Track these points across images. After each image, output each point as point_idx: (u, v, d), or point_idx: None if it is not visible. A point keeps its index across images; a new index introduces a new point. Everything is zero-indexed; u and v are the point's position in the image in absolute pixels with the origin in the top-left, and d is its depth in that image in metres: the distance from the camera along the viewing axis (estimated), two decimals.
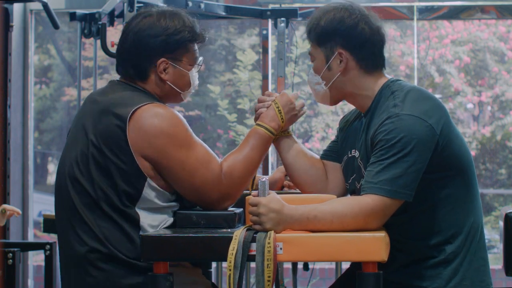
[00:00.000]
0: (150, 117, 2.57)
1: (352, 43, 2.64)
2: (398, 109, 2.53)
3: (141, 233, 2.54)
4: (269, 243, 2.34)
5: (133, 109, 2.57)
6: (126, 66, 2.72)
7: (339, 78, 2.66)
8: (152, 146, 2.55)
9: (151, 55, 2.68)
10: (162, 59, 2.68)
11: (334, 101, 2.74)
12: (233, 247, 2.34)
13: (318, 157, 2.88)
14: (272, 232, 2.37)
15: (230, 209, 2.64)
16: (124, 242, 2.56)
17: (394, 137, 2.49)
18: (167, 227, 2.60)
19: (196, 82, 2.76)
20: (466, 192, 2.63)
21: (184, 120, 2.63)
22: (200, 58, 2.76)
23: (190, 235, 2.40)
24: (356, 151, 2.70)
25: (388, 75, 2.72)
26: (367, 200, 2.46)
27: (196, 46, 2.74)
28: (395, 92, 2.60)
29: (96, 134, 2.59)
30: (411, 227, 2.61)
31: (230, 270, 2.33)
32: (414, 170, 2.48)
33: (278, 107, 2.74)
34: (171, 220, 2.63)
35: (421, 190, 2.52)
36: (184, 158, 2.57)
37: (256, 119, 2.77)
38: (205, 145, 2.64)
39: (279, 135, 2.80)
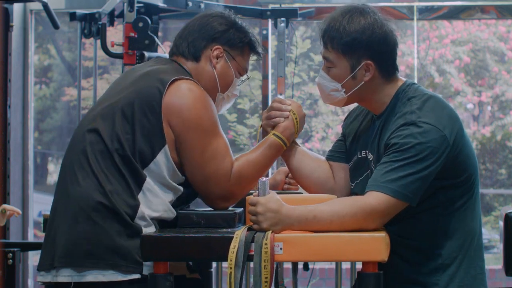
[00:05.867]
0: (189, 90, 2.60)
1: (380, 55, 2.61)
2: (415, 116, 2.53)
3: (140, 196, 2.54)
4: (266, 244, 2.33)
5: (177, 77, 2.61)
6: (182, 45, 2.75)
7: (361, 87, 2.64)
8: (180, 117, 2.57)
9: (211, 37, 2.73)
10: (220, 46, 2.72)
11: (346, 105, 2.73)
12: (234, 246, 2.34)
13: (323, 158, 2.86)
14: (270, 232, 2.37)
15: (230, 208, 2.64)
16: (127, 197, 2.53)
17: (409, 142, 2.49)
18: (167, 227, 2.60)
19: (236, 92, 2.79)
20: (468, 199, 2.62)
21: (215, 110, 2.66)
22: (246, 75, 2.80)
23: (190, 235, 2.40)
24: (369, 153, 2.69)
25: (401, 76, 2.71)
26: (369, 199, 2.45)
27: (250, 60, 2.79)
28: (412, 99, 2.60)
29: (132, 91, 2.61)
30: (407, 227, 2.60)
31: (231, 268, 2.33)
32: (423, 176, 2.48)
33: (296, 119, 2.73)
34: (172, 214, 2.61)
35: (424, 193, 2.52)
36: (205, 144, 2.59)
37: (268, 126, 2.73)
38: (226, 138, 2.65)
39: None
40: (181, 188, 2.62)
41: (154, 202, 2.57)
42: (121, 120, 2.57)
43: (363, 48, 2.58)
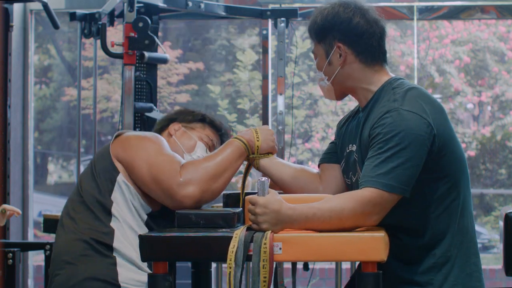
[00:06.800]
0: (133, 133, 2.89)
1: (348, 36, 2.67)
2: (398, 104, 2.55)
3: (112, 223, 2.76)
4: (265, 243, 2.33)
5: (125, 132, 2.90)
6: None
7: (340, 72, 2.69)
8: (124, 147, 2.82)
9: (169, 118, 3.17)
10: (177, 123, 3.12)
11: (338, 96, 2.77)
12: (234, 245, 2.34)
13: (304, 166, 2.91)
14: (269, 232, 2.37)
15: (228, 208, 2.64)
16: (97, 227, 2.76)
17: (392, 130, 2.50)
18: (166, 227, 2.60)
19: (200, 154, 3.05)
20: (457, 196, 2.62)
21: (164, 143, 2.84)
22: (212, 144, 3.14)
23: (189, 234, 2.40)
24: (354, 145, 2.71)
25: (401, 76, 2.74)
26: (365, 193, 2.45)
27: (216, 135, 3.16)
28: (395, 89, 2.62)
29: (95, 156, 2.95)
30: (400, 229, 2.60)
31: (230, 268, 2.33)
32: (411, 165, 2.48)
33: (255, 130, 2.85)
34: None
35: (413, 191, 2.52)
36: (147, 155, 2.77)
37: None
38: (178, 157, 2.80)
39: (261, 157, 2.84)
40: (146, 216, 2.82)
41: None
42: (86, 180, 2.85)
43: (331, 31, 2.67)
